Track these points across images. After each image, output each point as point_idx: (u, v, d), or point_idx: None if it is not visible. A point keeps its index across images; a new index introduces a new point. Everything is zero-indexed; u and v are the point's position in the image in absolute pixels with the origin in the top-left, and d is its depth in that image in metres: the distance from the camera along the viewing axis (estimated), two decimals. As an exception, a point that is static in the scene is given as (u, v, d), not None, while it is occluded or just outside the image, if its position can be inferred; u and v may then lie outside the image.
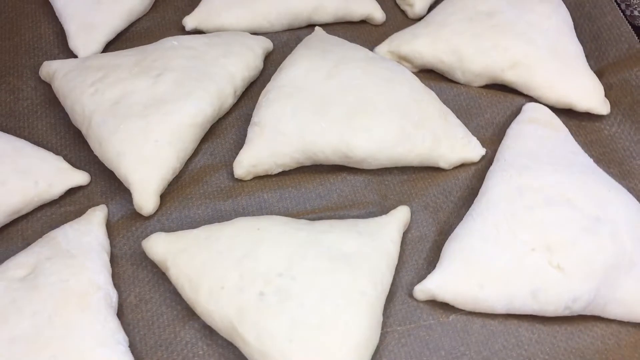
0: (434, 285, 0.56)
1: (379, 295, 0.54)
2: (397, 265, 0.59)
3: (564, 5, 0.76)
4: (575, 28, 0.76)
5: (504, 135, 0.68)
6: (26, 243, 0.58)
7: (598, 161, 0.67)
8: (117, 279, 0.58)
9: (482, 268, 0.56)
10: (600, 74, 0.73)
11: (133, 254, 0.60)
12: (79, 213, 0.61)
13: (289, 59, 0.70)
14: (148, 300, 0.57)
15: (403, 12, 0.81)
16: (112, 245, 0.60)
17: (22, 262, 0.54)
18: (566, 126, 0.68)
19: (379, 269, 0.56)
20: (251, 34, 0.75)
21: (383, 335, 0.55)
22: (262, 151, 0.63)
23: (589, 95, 0.69)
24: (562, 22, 0.73)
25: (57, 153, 0.65)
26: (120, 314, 0.56)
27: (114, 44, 0.74)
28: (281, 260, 0.54)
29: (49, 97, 0.69)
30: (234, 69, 0.68)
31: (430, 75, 0.74)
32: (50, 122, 0.68)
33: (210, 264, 0.55)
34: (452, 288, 0.56)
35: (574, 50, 0.72)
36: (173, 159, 0.62)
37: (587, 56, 0.74)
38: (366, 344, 0.52)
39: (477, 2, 0.73)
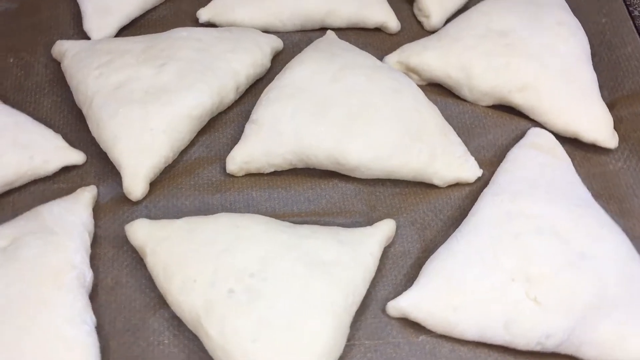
0: (407, 304, 0.55)
1: (347, 307, 0.54)
2: (375, 278, 0.58)
3: (583, 30, 0.73)
4: (594, 56, 0.73)
5: (504, 158, 0.66)
6: (15, 214, 0.59)
7: (598, 196, 0.64)
8: (96, 260, 0.59)
9: (458, 292, 0.54)
10: (612, 105, 0.70)
11: (116, 237, 0.61)
12: (70, 191, 0.62)
13: (295, 59, 0.69)
14: (124, 285, 0.58)
15: (419, 23, 0.79)
16: (97, 226, 0.61)
17: (4, 233, 0.55)
18: (571, 156, 0.66)
19: (354, 281, 0.55)
20: (263, 31, 0.75)
21: (350, 347, 0.55)
22: (256, 149, 0.63)
23: (598, 126, 0.67)
24: (578, 47, 0.70)
25: (57, 131, 0.66)
26: (95, 294, 0.57)
27: (128, 30, 0.75)
28: (256, 260, 0.54)
29: (57, 75, 0.71)
30: (239, 65, 0.68)
31: (438, 90, 0.73)
32: (55, 100, 0.70)
33: (189, 255, 0.55)
34: (425, 308, 0.55)
35: (587, 77, 0.69)
36: (166, 148, 0.63)
37: (601, 86, 0.70)
38: (328, 354, 0.51)
39: (493, 20, 0.71)
